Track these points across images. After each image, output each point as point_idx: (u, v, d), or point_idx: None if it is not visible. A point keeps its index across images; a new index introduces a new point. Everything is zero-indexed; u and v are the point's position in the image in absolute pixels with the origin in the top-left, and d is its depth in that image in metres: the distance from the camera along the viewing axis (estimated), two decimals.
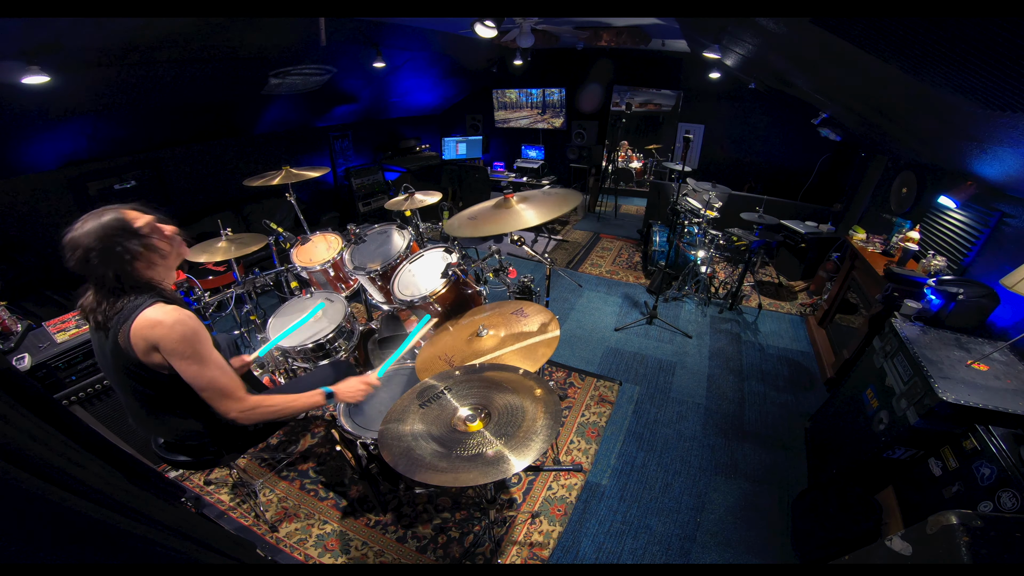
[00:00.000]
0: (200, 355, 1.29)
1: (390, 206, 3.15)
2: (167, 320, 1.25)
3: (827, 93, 3.00)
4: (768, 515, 2.21)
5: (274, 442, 2.52)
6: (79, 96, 2.71)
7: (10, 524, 0.70)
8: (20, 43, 2.02)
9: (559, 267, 4.80)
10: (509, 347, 1.76)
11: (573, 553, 2.02)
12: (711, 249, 3.93)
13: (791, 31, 1.89)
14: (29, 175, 3.08)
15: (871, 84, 2.05)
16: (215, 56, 3.02)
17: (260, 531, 2.07)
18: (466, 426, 1.29)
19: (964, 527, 1.07)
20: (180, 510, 1.53)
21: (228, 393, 1.35)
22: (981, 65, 1.15)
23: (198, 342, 1.29)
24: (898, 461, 1.86)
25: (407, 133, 6.51)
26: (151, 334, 1.24)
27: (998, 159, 2.01)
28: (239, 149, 4.45)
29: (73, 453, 1.05)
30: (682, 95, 6.32)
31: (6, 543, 0.68)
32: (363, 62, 4.03)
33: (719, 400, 2.98)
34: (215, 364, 1.33)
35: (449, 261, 2.20)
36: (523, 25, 4.05)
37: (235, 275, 2.90)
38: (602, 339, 3.57)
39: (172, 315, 1.26)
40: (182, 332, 1.26)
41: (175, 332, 1.25)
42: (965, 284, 2.19)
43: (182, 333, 1.26)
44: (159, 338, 1.24)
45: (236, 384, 1.38)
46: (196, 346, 1.28)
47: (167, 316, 1.25)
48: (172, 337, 1.25)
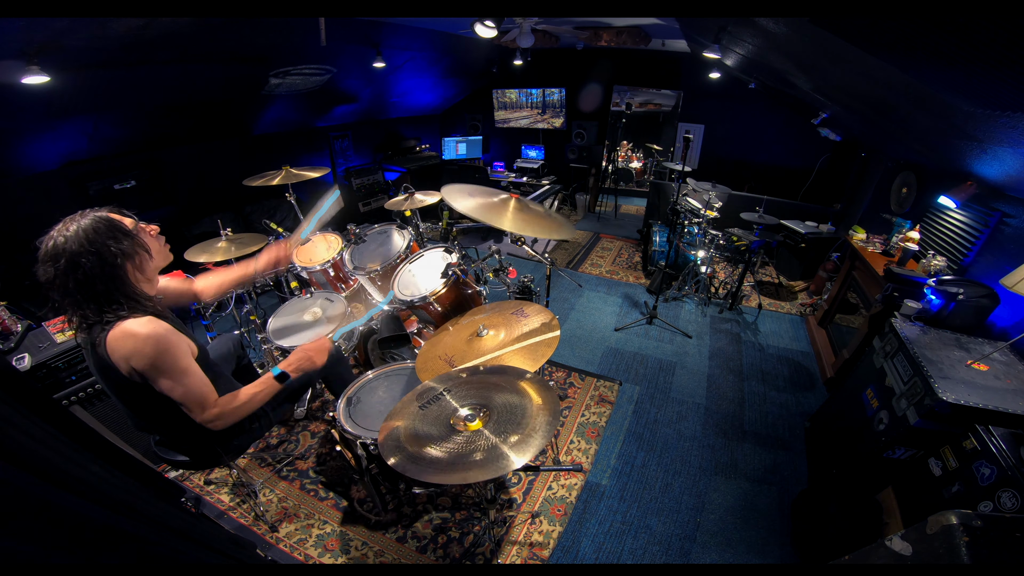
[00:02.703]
0: (174, 368, 1.27)
1: (390, 206, 3.15)
2: (141, 333, 1.22)
3: (827, 93, 3.00)
4: (768, 515, 2.21)
5: (274, 442, 2.52)
6: (79, 96, 2.70)
7: (10, 524, 0.69)
8: (20, 43, 2.01)
9: (559, 267, 4.80)
10: (509, 347, 1.76)
11: (573, 553, 2.02)
12: (711, 249, 3.93)
13: (791, 31, 1.89)
14: (29, 175, 3.08)
15: (871, 84, 2.05)
16: (215, 56, 3.02)
17: (260, 531, 2.07)
18: (465, 425, 1.29)
19: (964, 527, 1.06)
20: (180, 510, 1.53)
21: (200, 402, 1.34)
22: (981, 65, 1.15)
23: (172, 356, 1.27)
24: (898, 461, 1.86)
25: (407, 133, 6.51)
26: (123, 347, 1.22)
27: (998, 159, 2.01)
28: (239, 149, 4.44)
29: (73, 453, 1.05)
30: (682, 95, 6.31)
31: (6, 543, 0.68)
32: (363, 62, 4.03)
33: (719, 400, 2.98)
34: (191, 375, 1.31)
35: (449, 261, 2.20)
36: (523, 25, 4.04)
37: None
38: (602, 339, 3.57)
39: (146, 328, 1.23)
40: (155, 346, 1.24)
41: (148, 346, 1.23)
42: (965, 284, 2.19)
43: (155, 347, 1.24)
44: (131, 352, 1.22)
45: (208, 392, 1.36)
46: (169, 360, 1.26)
47: (141, 329, 1.23)
48: (145, 352, 1.23)
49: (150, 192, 3.73)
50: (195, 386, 1.32)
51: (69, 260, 1.18)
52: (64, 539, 0.77)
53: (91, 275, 1.20)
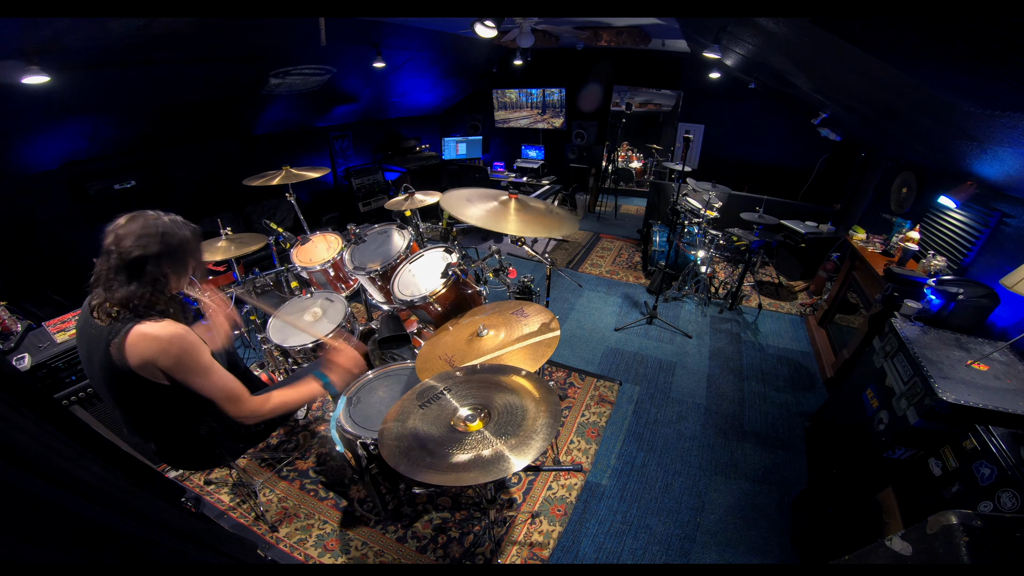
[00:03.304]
0: (201, 367, 1.29)
1: (390, 206, 3.15)
2: (163, 335, 1.23)
3: (827, 93, 3.00)
4: (768, 515, 2.21)
5: (274, 442, 2.52)
6: (79, 96, 2.71)
7: (10, 524, 0.69)
8: (20, 43, 2.02)
9: (559, 267, 4.80)
10: (509, 347, 1.76)
11: (573, 553, 2.02)
12: (711, 249, 3.93)
13: (791, 31, 1.89)
14: (29, 175, 3.08)
15: (871, 84, 2.05)
16: (215, 56, 3.02)
17: (260, 531, 2.07)
18: (466, 426, 1.29)
19: (964, 527, 1.06)
20: (180, 510, 1.53)
21: (234, 398, 1.36)
22: (981, 65, 1.15)
23: (197, 354, 1.29)
24: (898, 461, 1.86)
25: (407, 133, 6.51)
26: (147, 348, 1.22)
27: (998, 159, 2.01)
28: (239, 149, 4.45)
29: (73, 453, 1.05)
30: (682, 95, 6.32)
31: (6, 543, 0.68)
32: (363, 62, 4.03)
33: (719, 400, 2.98)
34: (214, 371, 1.33)
35: (449, 261, 2.20)
36: (523, 25, 4.05)
37: (235, 275, 2.90)
38: (602, 339, 3.57)
39: (168, 330, 1.24)
40: (180, 347, 1.25)
41: (173, 348, 1.24)
42: (965, 284, 2.19)
43: (180, 348, 1.25)
44: (156, 354, 1.23)
45: (240, 388, 1.38)
46: (196, 359, 1.28)
47: (163, 331, 1.23)
48: (171, 353, 1.24)
49: (150, 192, 3.73)
50: (222, 381, 1.33)
51: (157, 246, 1.23)
52: (64, 539, 0.77)
53: (154, 267, 1.24)
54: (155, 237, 1.23)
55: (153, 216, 1.27)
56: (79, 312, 1.37)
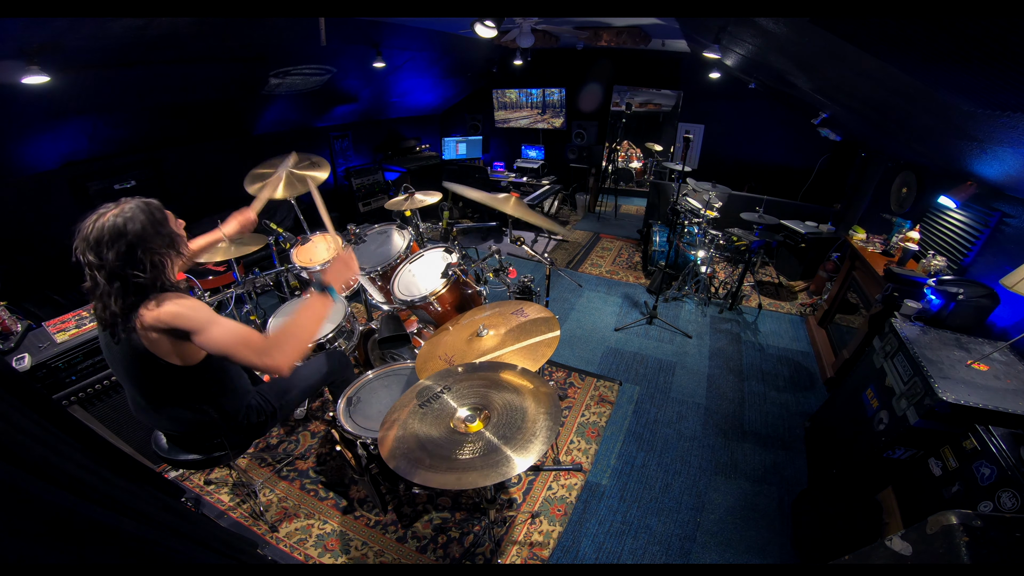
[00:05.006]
0: (212, 316, 1.30)
1: (390, 206, 3.15)
2: (184, 303, 1.27)
3: (827, 93, 3.00)
4: (768, 515, 2.21)
5: (274, 442, 2.52)
6: (79, 96, 2.70)
7: (10, 524, 0.70)
8: (20, 43, 2.01)
9: (559, 267, 4.80)
10: (509, 347, 1.76)
11: (573, 553, 2.02)
12: (711, 249, 3.93)
13: (791, 31, 1.89)
14: (29, 175, 3.08)
15: (871, 84, 2.05)
16: (215, 56, 3.02)
17: (260, 531, 2.07)
18: (466, 427, 1.28)
19: (964, 527, 1.06)
20: (180, 510, 1.53)
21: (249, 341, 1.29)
22: (981, 65, 1.15)
23: (203, 306, 1.31)
24: (898, 461, 1.86)
25: (407, 133, 6.51)
26: (174, 322, 1.24)
27: (998, 159, 2.01)
28: (239, 149, 4.44)
29: (73, 453, 1.05)
30: (682, 95, 6.31)
31: (6, 543, 0.68)
32: (363, 62, 4.02)
33: (719, 400, 2.98)
34: (225, 320, 1.33)
35: (449, 261, 2.20)
36: (523, 25, 4.05)
37: (235, 275, 2.89)
38: (602, 339, 3.57)
39: (184, 301, 1.28)
40: (191, 307, 1.27)
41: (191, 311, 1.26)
42: (965, 284, 2.19)
43: (192, 307, 1.27)
44: (184, 322, 1.25)
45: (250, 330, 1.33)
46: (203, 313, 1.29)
47: (181, 301, 1.27)
48: (191, 317, 1.25)
49: (150, 192, 3.70)
50: (232, 326, 1.30)
51: (131, 240, 1.20)
52: (63, 538, 0.77)
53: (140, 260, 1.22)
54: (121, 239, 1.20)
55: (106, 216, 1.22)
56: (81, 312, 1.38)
